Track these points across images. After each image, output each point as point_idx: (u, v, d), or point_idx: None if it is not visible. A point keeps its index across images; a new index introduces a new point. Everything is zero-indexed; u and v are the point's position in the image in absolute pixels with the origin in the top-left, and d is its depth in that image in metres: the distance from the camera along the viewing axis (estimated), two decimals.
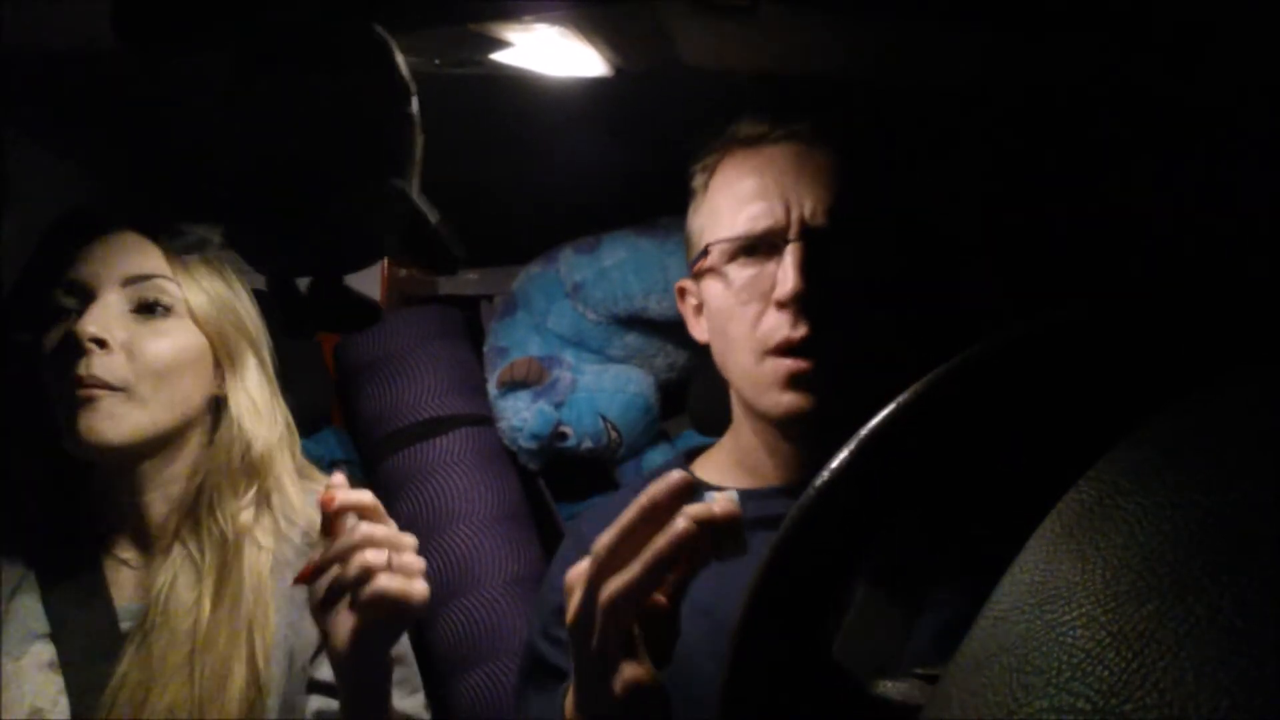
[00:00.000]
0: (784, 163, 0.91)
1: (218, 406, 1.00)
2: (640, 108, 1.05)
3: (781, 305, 0.87)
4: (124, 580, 0.97)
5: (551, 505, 1.30)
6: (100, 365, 0.90)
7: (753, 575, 0.48)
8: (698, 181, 0.98)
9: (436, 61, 0.88)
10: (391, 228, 0.54)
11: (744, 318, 0.90)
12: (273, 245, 0.55)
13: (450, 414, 1.27)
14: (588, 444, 1.24)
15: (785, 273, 0.87)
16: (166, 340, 0.94)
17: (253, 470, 0.99)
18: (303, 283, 0.59)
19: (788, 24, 0.82)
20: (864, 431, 0.45)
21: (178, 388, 0.95)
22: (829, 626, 0.50)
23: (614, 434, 1.24)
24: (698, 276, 0.97)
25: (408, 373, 1.27)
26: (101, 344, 0.90)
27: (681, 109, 1.05)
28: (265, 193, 0.53)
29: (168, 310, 0.95)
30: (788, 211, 0.89)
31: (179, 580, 0.94)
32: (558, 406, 1.23)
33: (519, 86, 0.96)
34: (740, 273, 0.91)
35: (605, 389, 1.25)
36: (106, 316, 0.91)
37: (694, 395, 1.31)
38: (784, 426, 0.92)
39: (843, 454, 0.45)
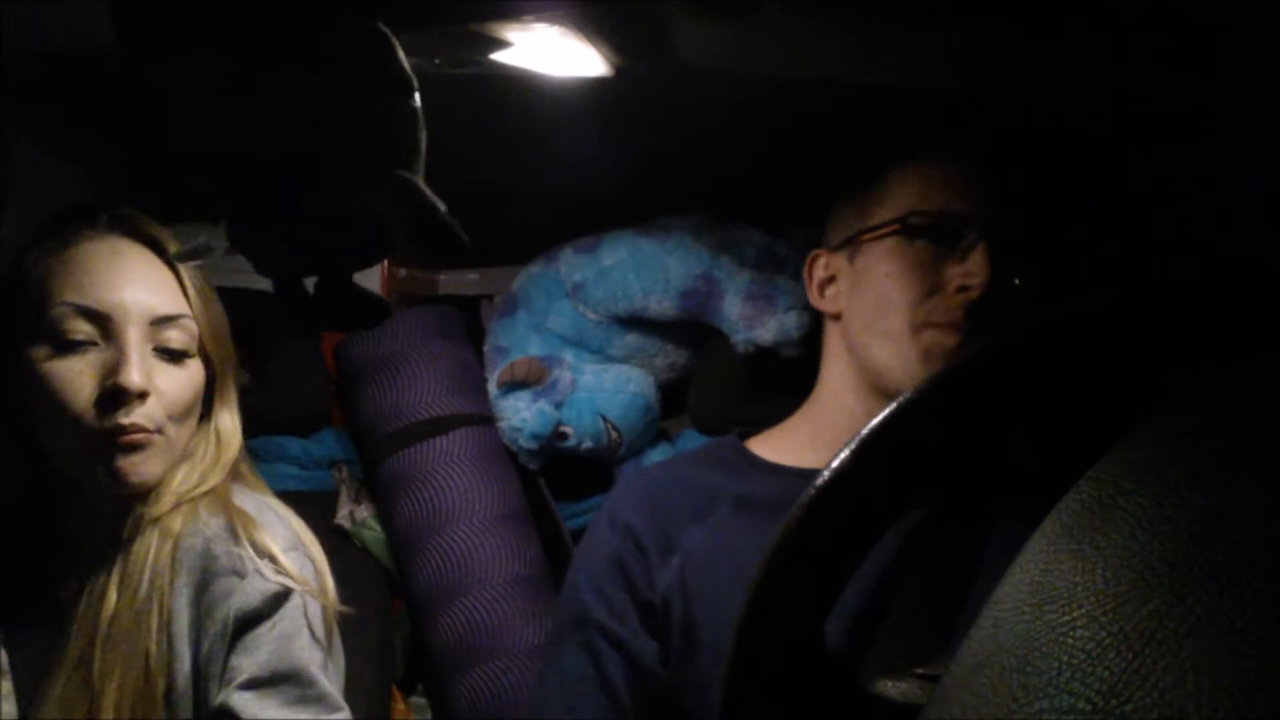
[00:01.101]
0: (980, 167, 0.97)
1: None
2: (640, 108, 1.05)
3: (962, 291, 0.92)
4: (72, 581, 0.96)
5: (551, 505, 1.30)
6: (140, 413, 0.90)
7: (753, 573, 0.48)
8: (881, 170, 1.00)
9: (436, 61, 0.88)
10: (399, 218, 0.54)
11: (916, 289, 0.94)
12: (279, 247, 0.55)
13: (450, 414, 1.27)
14: (588, 444, 1.24)
15: (977, 264, 0.92)
16: (187, 382, 0.95)
17: (222, 476, 1.00)
18: (309, 282, 0.59)
19: (788, 24, 0.82)
20: (864, 431, 0.45)
21: (192, 421, 0.97)
22: (829, 625, 0.50)
23: (614, 434, 1.24)
24: (857, 245, 1.00)
25: (408, 373, 1.27)
26: (145, 396, 0.91)
27: (681, 109, 1.05)
28: (269, 193, 0.53)
29: (187, 354, 0.96)
30: (982, 207, 0.94)
31: (100, 572, 0.93)
32: (558, 406, 1.23)
33: (519, 86, 0.96)
34: (924, 248, 0.95)
35: (605, 389, 1.25)
36: (144, 365, 0.91)
37: (694, 395, 1.31)
38: None
39: (843, 453, 0.45)
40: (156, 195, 1.03)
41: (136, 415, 0.90)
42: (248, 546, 0.94)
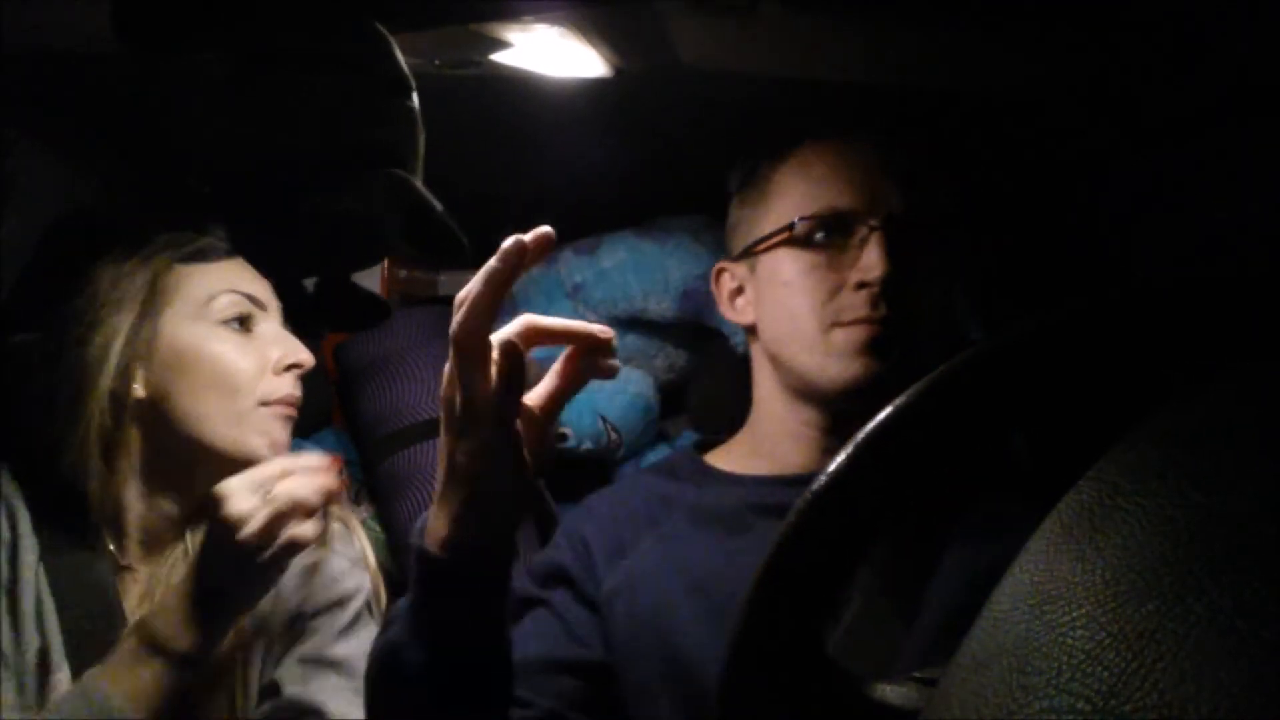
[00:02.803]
0: (862, 156, 0.96)
1: None
2: (640, 108, 1.05)
3: (862, 285, 0.92)
4: (129, 586, 0.97)
5: (551, 505, 1.30)
6: (299, 388, 0.99)
7: (750, 580, 0.47)
8: (764, 170, 1.01)
9: (436, 61, 0.88)
10: (396, 218, 0.54)
11: (817, 291, 0.93)
12: (280, 248, 0.55)
13: None
14: (588, 444, 1.24)
15: (871, 256, 0.91)
16: None
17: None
18: (310, 283, 0.59)
19: (787, 24, 0.82)
20: (860, 435, 0.45)
21: None
22: (827, 629, 0.49)
23: (614, 434, 1.24)
24: (754, 255, 1.00)
25: (408, 373, 1.27)
26: (303, 370, 0.99)
27: (681, 109, 1.05)
28: (270, 195, 0.53)
29: None
30: (870, 198, 0.94)
31: (174, 576, 0.95)
32: None
33: (519, 86, 0.96)
34: (819, 249, 0.94)
35: (605, 389, 1.25)
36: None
37: (694, 395, 1.31)
38: (837, 399, 0.94)
39: (842, 456, 0.45)
40: (157, 196, 1.03)
41: (299, 390, 0.99)
42: (354, 541, 1.03)
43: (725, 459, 1.03)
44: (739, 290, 1.03)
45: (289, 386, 0.97)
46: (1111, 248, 1.12)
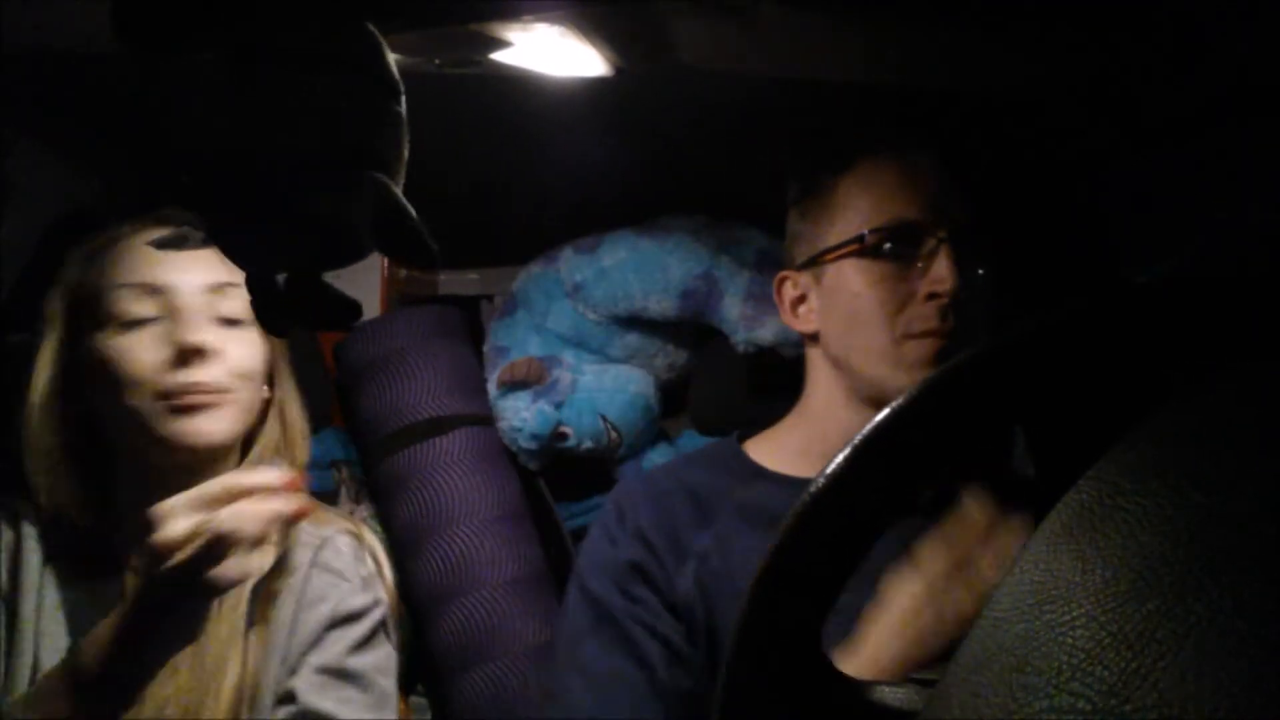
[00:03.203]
0: (926, 167, 0.98)
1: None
2: (640, 108, 1.05)
3: (933, 296, 0.93)
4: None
5: (551, 505, 1.30)
6: (207, 372, 0.93)
7: (749, 582, 0.47)
8: (826, 181, 1.01)
9: (436, 61, 0.88)
10: (371, 220, 0.54)
11: (887, 303, 0.95)
12: (255, 241, 0.55)
13: (450, 414, 1.27)
14: (588, 444, 1.24)
15: (941, 268, 0.93)
16: (250, 346, 0.98)
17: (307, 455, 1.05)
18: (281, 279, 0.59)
19: (787, 24, 0.82)
20: (859, 437, 0.45)
21: (256, 393, 0.99)
22: (826, 632, 0.49)
23: (614, 434, 1.24)
24: (819, 265, 1.00)
25: (408, 372, 1.27)
26: (203, 353, 0.93)
27: (681, 109, 1.05)
28: (248, 188, 0.53)
29: (245, 321, 0.98)
30: (937, 209, 0.95)
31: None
32: (558, 406, 1.23)
33: (519, 86, 0.96)
34: (887, 260, 0.95)
35: (605, 389, 1.25)
36: (200, 325, 0.94)
37: (694, 395, 1.31)
38: None
39: (838, 459, 0.45)
40: (157, 196, 1.03)
41: (202, 374, 0.92)
42: (368, 556, 1.01)
43: (770, 455, 1.03)
44: (801, 299, 1.03)
45: (195, 375, 0.92)
46: (1111, 248, 1.12)
